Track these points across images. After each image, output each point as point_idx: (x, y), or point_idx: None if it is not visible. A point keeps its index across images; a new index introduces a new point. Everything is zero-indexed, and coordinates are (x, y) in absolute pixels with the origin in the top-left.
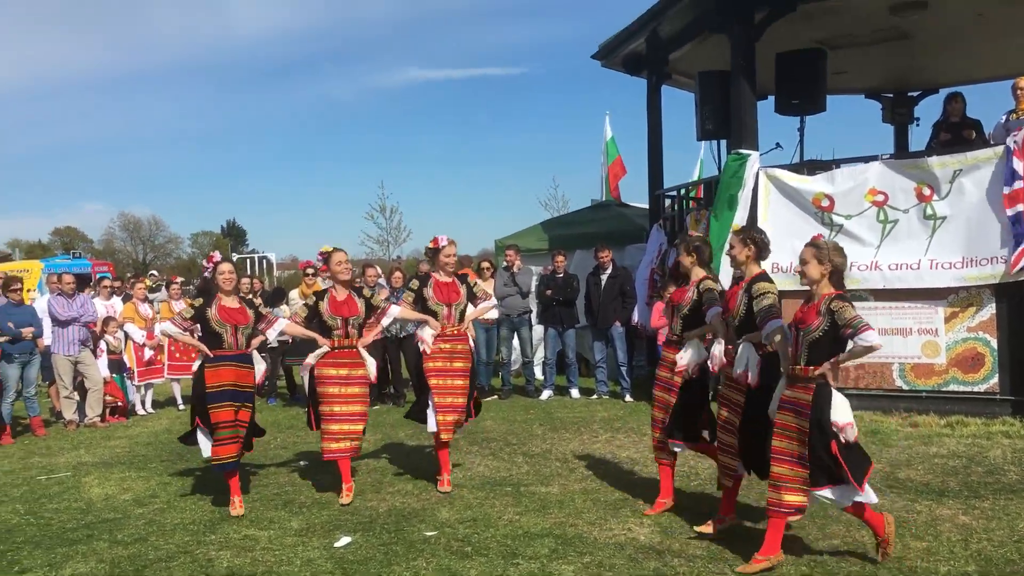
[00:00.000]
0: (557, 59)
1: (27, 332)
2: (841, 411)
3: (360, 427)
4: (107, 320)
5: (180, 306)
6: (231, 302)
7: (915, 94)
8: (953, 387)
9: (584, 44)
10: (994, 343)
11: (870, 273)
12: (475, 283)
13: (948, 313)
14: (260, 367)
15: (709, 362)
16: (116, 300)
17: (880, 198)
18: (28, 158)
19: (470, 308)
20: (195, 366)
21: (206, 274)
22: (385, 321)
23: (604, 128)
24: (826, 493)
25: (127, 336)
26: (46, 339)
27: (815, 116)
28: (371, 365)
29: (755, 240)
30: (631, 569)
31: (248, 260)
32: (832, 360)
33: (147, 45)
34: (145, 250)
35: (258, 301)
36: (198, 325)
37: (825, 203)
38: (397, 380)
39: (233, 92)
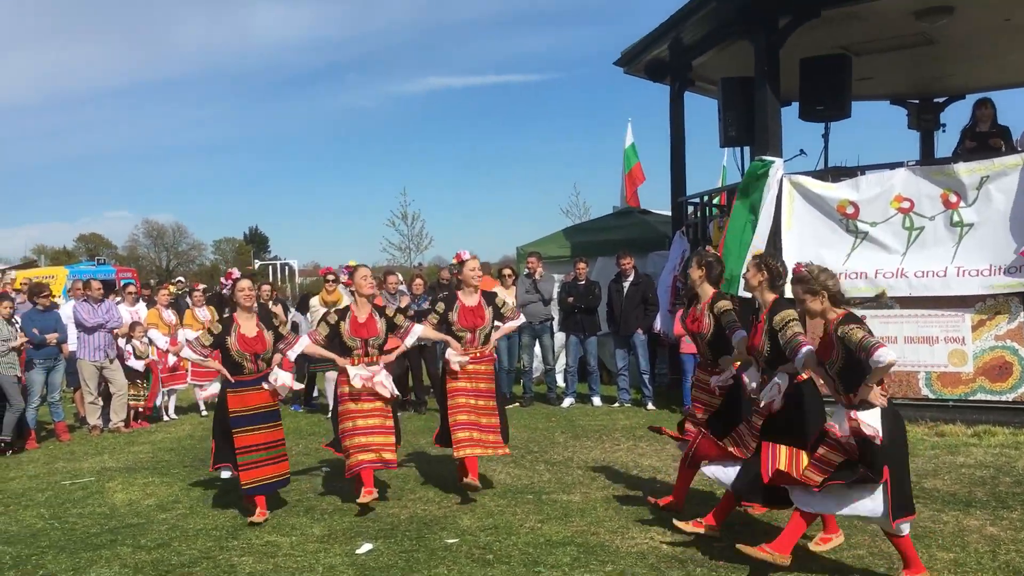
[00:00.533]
0: (579, 66)
1: (51, 338)
2: (870, 419)
3: (390, 439)
4: (134, 325)
5: (204, 314)
6: (249, 328)
7: (941, 100)
8: (980, 396)
9: (606, 51)
10: (1022, 352)
11: (896, 281)
12: (503, 303)
13: (975, 321)
14: (286, 378)
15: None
16: (141, 306)
17: (906, 205)
18: (53, 165)
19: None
20: (215, 385)
21: (224, 291)
22: (408, 341)
23: (625, 135)
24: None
25: (151, 341)
26: (70, 345)
27: (840, 122)
28: (388, 381)
29: (769, 267)
30: None
31: (270, 267)
32: (864, 386)
33: (171, 54)
34: (168, 257)
35: (277, 308)
36: (218, 351)
37: (850, 210)
38: (419, 387)
39: (256, 100)
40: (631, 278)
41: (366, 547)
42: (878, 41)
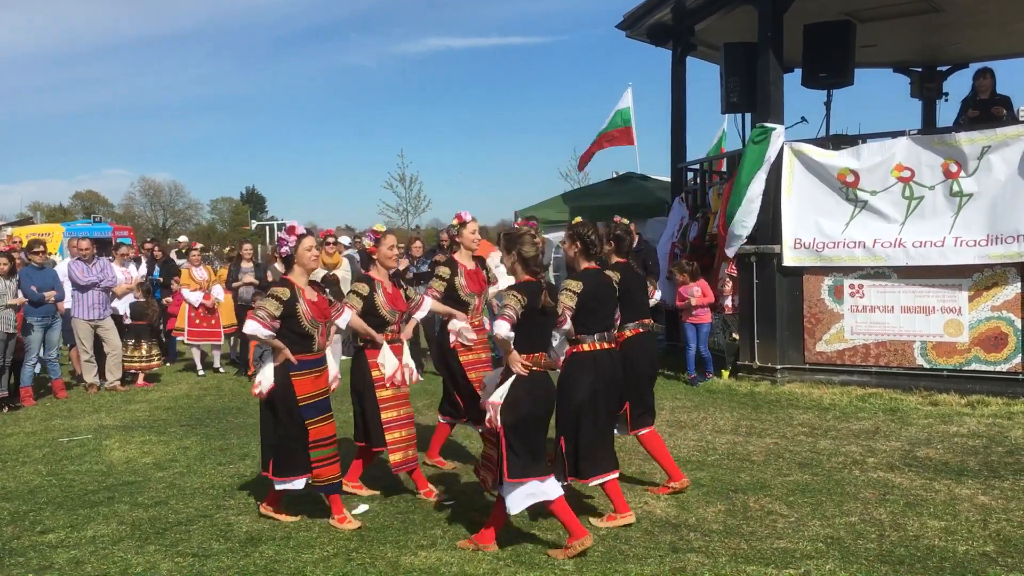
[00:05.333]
0: (583, 28)
1: (49, 295)
2: (496, 394)
3: (414, 430)
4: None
5: (200, 273)
6: (310, 292)
7: (944, 68)
8: (975, 366)
9: (609, 14)
10: (1018, 322)
11: (893, 250)
12: (488, 270)
13: (972, 292)
14: (334, 369)
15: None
16: (132, 267)
17: (906, 174)
18: (51, 122)
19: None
20: (267, 371)
21: (285, 248)
22: (419, 315)
23: (623, 98)
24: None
25: (184, 299)
26: (66, 303)
27: (842, 90)
28: (411, 364)
29: (581, 237)
30: (647, 543)
31: (268, 227)
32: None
33: (172, 10)
34: (165, 215)
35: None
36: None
37: (850, 178)
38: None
39: (255, 58)
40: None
41: (362, 508)
42: (883, 8)
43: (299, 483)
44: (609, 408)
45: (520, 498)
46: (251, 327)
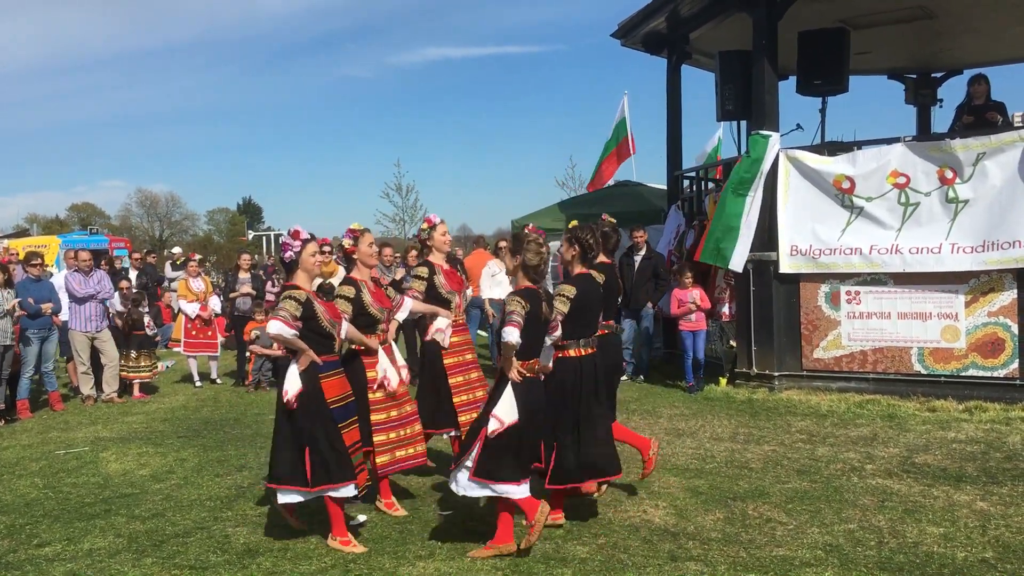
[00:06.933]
0: (580, 37)
1: (46, 308)
2: (503, 407)
3: (420, 427)
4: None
5: (198, 284)
6: (318, 296)
7: (939, 75)
8: (972, 372)
9: (605, 23)
10: (1015, 328)
11: (890, 257)
12: (466, 271)
13: (969, 297)
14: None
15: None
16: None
17: (902, 180)
18: (48, 133)
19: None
20: (291, 372)
21: (289, 253)
22: (400, 316)
23: (620, 108)
24: (453, 473)
25: (180, 311)
26: (63, 315)
27: (837, 97)
28: (401, 362)
29: (580, 241)
30: (645, 551)
31: (264, 238)
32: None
33: (168, 22)
34: (162, 227)
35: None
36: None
37: (846, 185)
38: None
39: (252, 69)
40: (643, 252)
41: (361, 518)
42: (877, 14)
43: (352, 490)
44: (599, 408)
45: (475, 489)
46: (275, 327)
